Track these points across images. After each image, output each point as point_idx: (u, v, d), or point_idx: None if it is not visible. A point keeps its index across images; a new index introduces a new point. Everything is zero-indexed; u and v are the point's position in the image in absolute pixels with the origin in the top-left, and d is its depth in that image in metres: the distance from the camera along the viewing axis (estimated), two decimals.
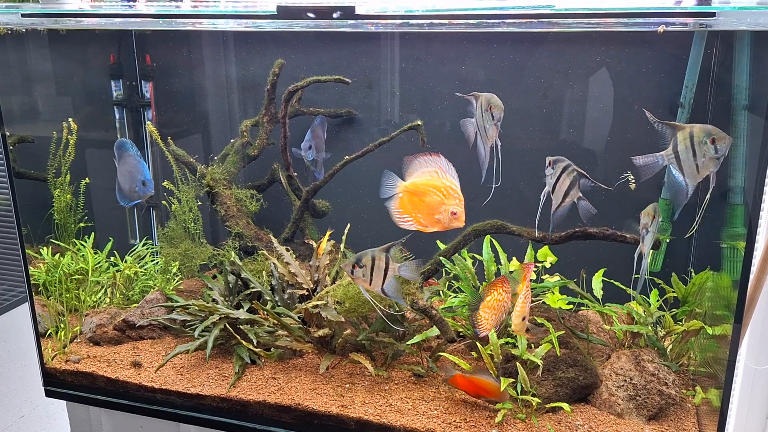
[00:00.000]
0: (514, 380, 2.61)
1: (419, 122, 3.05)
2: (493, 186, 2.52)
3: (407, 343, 2.84)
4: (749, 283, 2.58)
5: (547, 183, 2.43)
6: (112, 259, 3.56)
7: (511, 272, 2.94)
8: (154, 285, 3.43)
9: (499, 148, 2.43)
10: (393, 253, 2.41)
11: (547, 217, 3.21)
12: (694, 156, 2.15)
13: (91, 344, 3.16)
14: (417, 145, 3.09)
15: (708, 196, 2.29)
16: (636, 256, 2.44)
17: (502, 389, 2.53)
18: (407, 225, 2.27)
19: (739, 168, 2.63)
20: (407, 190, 2.24)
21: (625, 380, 2.60)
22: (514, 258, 3.05)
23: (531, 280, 3.00)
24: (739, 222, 2.61)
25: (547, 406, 2.56)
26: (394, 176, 2.28)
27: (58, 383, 3.03)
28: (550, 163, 2.42)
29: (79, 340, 3.20)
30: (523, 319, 2.37)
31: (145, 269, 3.55)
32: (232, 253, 3.24)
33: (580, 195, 2.39)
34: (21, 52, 3.59)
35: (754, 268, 2.63)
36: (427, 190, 2.21)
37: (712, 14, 2.20)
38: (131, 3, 2.84)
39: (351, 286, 2.77)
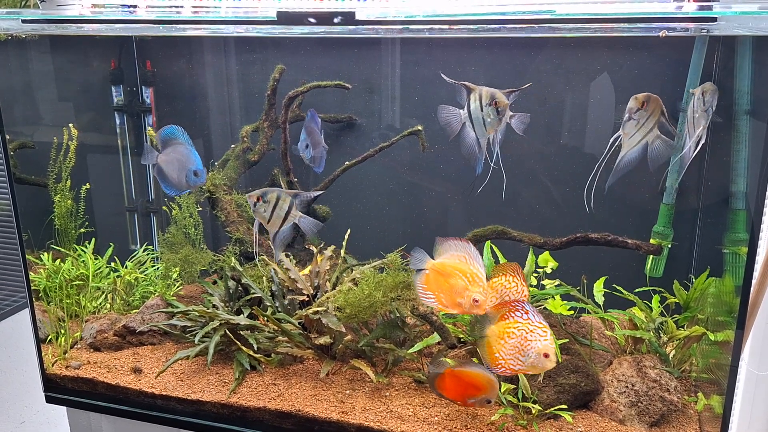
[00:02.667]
0: (515, 386, 2.61)
1: (419, 127, 3.05)
2: (498, 169, 2.53)
3: (408, 351, 2.83)
4: (751, 289, 2.57)
5: (625, 127, 2.43)
6: (112, 264, 3.56)
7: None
8: (155, 291, 3.43)
9: (499, 140, 2.50)
10: (298, 201, 2.56)
11: (549, 222, 3.22)
12: (482, 114, 2.42)
13: (92, 350, 3.16)
14: (417, 151, 3.09)
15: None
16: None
17: (502, 390, 2.52)
18: (428, 301, 2.32)
19: (741, 173, 2.62)
20: (435, 269, 2.29)
21: (627, 386, 2.59)
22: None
23: (532, 286, 3.00)
24: (741, 227, 2.60)
25: (548, 412, 2.55)
26: (423, 253, 2.33)
27: (59, 389, 3.02)
28: (643, 104, 2.39)
29: (79, 345, 3.20)
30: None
31: (145, 275, 3.54)
32: (233, 258, 3.23)
33: (658, 133, 2.37)
34: (22, 57, 3.60)
35: (756, 274, 2.62)
36: (454, 273, 2.26)
37: (713, 19, 2.20)
38: (132, 9, 2.84)
39: (351, 292, 2.76)
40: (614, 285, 2.92)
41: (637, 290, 2.98)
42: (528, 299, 2.47)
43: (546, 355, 2.24)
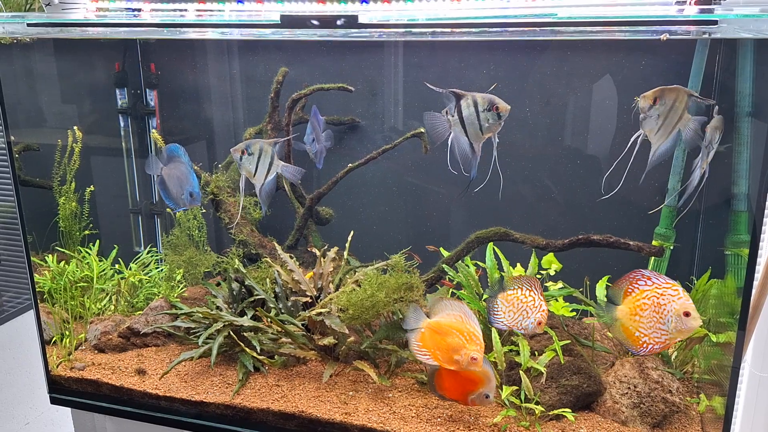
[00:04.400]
0: (517, 388, 2.61)
1: (422, 130, 3.06)
2: (497, 171, 2.54)
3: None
4: (753, 290, 2.58)
5: (643, 125, 2.39)
6: (116, 266, 3.57)
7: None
8: (159, 292, 3.44)
9: (496, 145, 2.53)
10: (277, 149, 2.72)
11: (549, 223, 3.23)
12: (478, 120, 2.45)
13: (96, 351, 3.17)
14: (420, 153, 3.10)
15: None
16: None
17: (504, 396, 2.53)
18: (424, 358, 2.35)
19: (742, 175, 2.62)
20: (430, 327, 2.32)
21: (629, 388, 2.59)
22: (518, 264, 3.05)
23: None
24: (743, 229, 2.60)
25: (550, 413, 2.56)
26: (420, 311, 2.37)
27: (63, 390, 3.03)
28: (655, 100, 2.35)
29: (83, 347, 3.21)
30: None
31: (149, 277, 3.56)
32: (236, 260, 3.24)
33: (689, 117, 2.34)
34: (27, 60, 3.61)
35: (758, 275, 2.63)
36: (450, 331, 2.30)
37: (714, 22, 2.21)
38: (136, 12, 2.86)
39: (354, 292, 2.77)
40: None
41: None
42: (546, 316, 2.47)
43: (687, 314, 2.14)
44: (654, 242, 3.02)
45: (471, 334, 2.28)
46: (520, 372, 2.60)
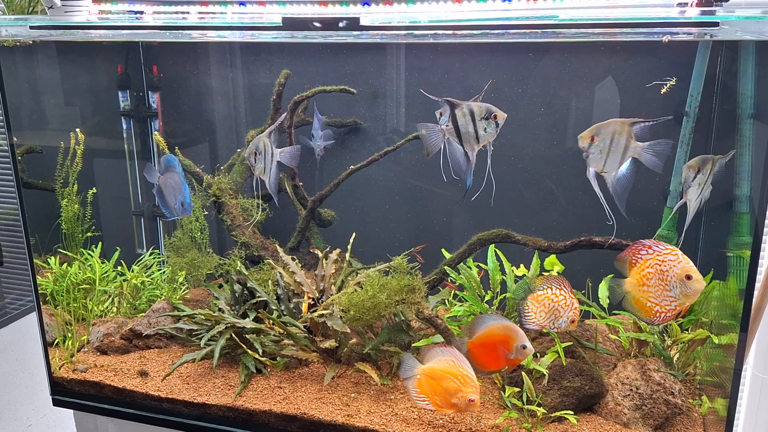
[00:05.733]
0: (519, 390, 2.61)
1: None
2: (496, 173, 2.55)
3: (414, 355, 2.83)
4: (756, 292, 2.58)
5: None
6: (119, 268, 3.58)
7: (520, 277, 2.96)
8: (161, 294, 3.44)
9: (490, 153, 2.56)
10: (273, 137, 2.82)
11: (550, 225, 3.23)
12: (475, 128, 2.46)
13: (98, 353, 3.17)
14: (422, 155, 3.10)
15: None
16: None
17: (507, 395, 2.52)
18: (423, 404, 2.37)
19: (744, 176, 2.62)
20: (426, 374, 2.36)
21: (631, 390, 2.59)
22: (521, 265, 3.05)
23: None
24: (745, 231, 2.60)
25: (552, 415, 2.56)
26: (413, 359, 2.40)
27: (66, 392, 3.04)
28: (593, 138, 2.37)
29: (86, 349, 3.22)
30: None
31: (151, 279, 3.56)
32: (238, 262, 3.25)
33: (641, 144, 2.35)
34: (29, 63, 3.62)
35: (760, 277, 2.62)
36: (445, 376, 2.33)
37: (716, 24, 2.20)
38: (138, 15, 2.86)
39: (356, 294, 2.78)
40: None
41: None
42: (579, 313, 2.49)
43: (689, 277, 2.16)
44: None
45: (465, 377, 2.33)
46: (522, 374, 2.60)
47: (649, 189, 3.06)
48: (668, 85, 2.32)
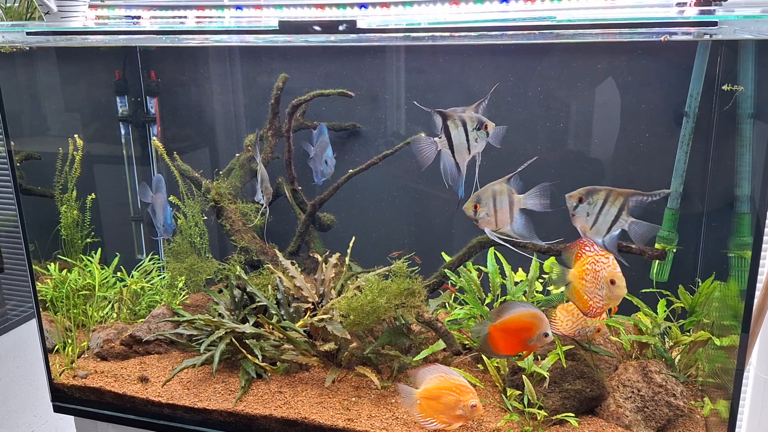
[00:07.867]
0: (520, 392, 2.60)
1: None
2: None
3: (414, 358, 2.83)
4: (757, 293, 2.57)
5: (575, 220, 2.49)
6: (118, 274, 3.57)
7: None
8: (161, 300, 3.44)
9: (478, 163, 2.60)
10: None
11: (551, 227, 3.21)
12: (467, 139, 2.49)
13: (99, 359, 3.17)
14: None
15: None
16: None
17: (508, 398, 2.51)
18: (433, 426, 2.38)
19: (745, 177, 2.62)
20: (423, 397, 2.37)
21: (633, 392, 2.58)
22: (519, 269, 3.04)
23: (538, 292, 3.00)
24: (746, 231, 2.59)
25: (554, 418, 2.55)
26: (407, 387, 2.41)
27: (66, 398, 3.03)
28: (581, 199, 2.45)
29: (86, 355, 3.21)
30: None
31: (151, 284, 3.56)
32: (238, 267, 3.24)
33: (633, 219, 2.41)
34: (27, 69, 3.62)
35: (761, 277, 2.61)
36: (441, 393, 2.34)
37: (715, 24, 2.20)
38: (136, 20, 2.86)
39: (355, 298, 2.77)
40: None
41: (643, 291, 2.98)
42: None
43: (612, 282, 2.26)
44: (657, 245, 3.01)
45: (459, 386, 2.33)
46: (523, 377, 2.59)
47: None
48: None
